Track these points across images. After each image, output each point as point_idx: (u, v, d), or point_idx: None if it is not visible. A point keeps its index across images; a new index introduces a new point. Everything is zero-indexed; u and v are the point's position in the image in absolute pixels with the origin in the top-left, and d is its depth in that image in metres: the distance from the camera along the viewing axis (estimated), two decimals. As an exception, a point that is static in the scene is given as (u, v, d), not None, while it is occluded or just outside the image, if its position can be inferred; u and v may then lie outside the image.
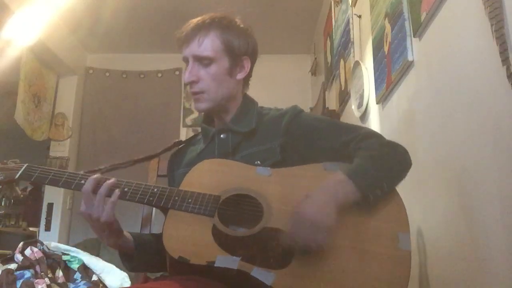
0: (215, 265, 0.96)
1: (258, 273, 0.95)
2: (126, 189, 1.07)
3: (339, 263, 0.97)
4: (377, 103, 2.03)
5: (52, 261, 2.42)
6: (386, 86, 1.85)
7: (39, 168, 1.11)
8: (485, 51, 1.08)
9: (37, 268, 2.31)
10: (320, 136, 1.17)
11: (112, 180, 1.06)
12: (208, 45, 1.17)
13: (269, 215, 1.02)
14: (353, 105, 2.41)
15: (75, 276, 2.43)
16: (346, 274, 0.96)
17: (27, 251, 2.38)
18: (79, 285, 2.39)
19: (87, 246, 3.39)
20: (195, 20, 1.21)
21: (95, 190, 1.04)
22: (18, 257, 2.38)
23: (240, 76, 1.23)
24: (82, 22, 3.99)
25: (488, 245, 1.08)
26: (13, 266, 2.33)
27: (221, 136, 1.22)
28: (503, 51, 0.98)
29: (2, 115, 4.59)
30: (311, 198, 1.00)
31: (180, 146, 1.36)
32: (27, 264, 2.32)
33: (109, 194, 1.04)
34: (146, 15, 3.92)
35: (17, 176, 1.11)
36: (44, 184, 1.11)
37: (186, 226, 1.03)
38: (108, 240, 1.08)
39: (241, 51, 1.21)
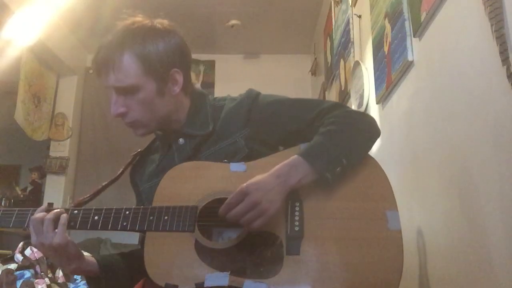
0: (204, 286, 0.91)
1: (249, 285, 0.90)
2: (96, 218, 1.00)
3: (330, 259, 0.93)
4: (377, 103, 2.03)
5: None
6: (386, 86, 1.85)
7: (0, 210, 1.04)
8: (485, 51, 1.08)
9: (37, 268, 2.31)
10: (285, 119, 1.10)
11: (61, 210, 1.01)
12: (126, 73, 1.02)
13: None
14: (353, 105, 2.41)
15: (75, 276, 2.43)
16: (339, 269, 0.92)
17: (27, 251, 2.39)
18: (79, 285, 2.39)
19: (87, 246, 3.39)
20: (106, 40, 1.07)
21: (43, 218, 0.98)
22: (18, 257, 2.38)
23: (175, 91, 1.09)
24: (82, 22, 3.99)
25: (488, 245, 1.08)
26: (13, 266, 2.33)
27: (179, 141, 1.13)
28: (503, 51, 0.98)
29: (2, 115, 4.59)
30: (261, 180, 0.94)
31: (137, 158, 1.27)
32: (27, 264, 2.32)
33: (57, 217, 0.99)
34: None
35: None
36: (9, 227, 1.03)
37: (167, 247, 0.97)
38: (70, 265, 1.01)
39: (166, 66, 1.06)
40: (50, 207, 1.04)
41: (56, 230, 0.97)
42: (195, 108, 1.15)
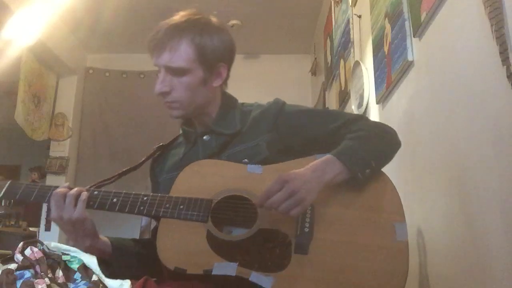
0: (212, 273, 0.94)
1: (256, 277, 0.93)
2: (115, 200, 1.04)
3: (337, 261, 0.96)
4: (377, 103, 2.03)
5: (52, 261, 2.42)
6: (386, 86, 1.85)
7: (23, 184, 1.08)
8: (485, 51, 1.08)
9: (37, 268, 2.31)
10: (308, 127, 1.15)
11: (82, 188, 1.05)
12: (180, 55, 1.10)
13: (264, 216, 1.01)
14: (353, 105, 2.41)
15: (75, 276, 2.43)
16: (345, 271, 0.95)
17: (27, 251, 2.38)
18: (79, 285, 2.39)
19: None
20: (167, 24, 1.13)
21: (65, 193, 1.02)
22: (18, 257, 2.38)
23: (216, 83, 1.16)
24: (82, 22, 3.99)
25: (488, 245, 1.08)
26: (13, 266, 2.33)
27: (204, 138, 1.18)
28: (503, 51, 0.98)
29: (2, 115, 4.60)
30: (299, 172, 0.98)
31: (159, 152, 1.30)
32: (27, 264, 2.32)
33: (79, 194, 1.02)
34: (146, 15, 3.92)
35: (0, 195, 1.07)
36: (30, 202, 1.07)
37: (179, 234, 1.01)
38: (84, 242, 1.04)
39: (216, 58, 1.14)
40: (71, 186, 1.07)
41: (76, 206, 1.01)
42: (224, 108, 1.21)
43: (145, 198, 1.04)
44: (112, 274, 1.13)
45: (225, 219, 1.05)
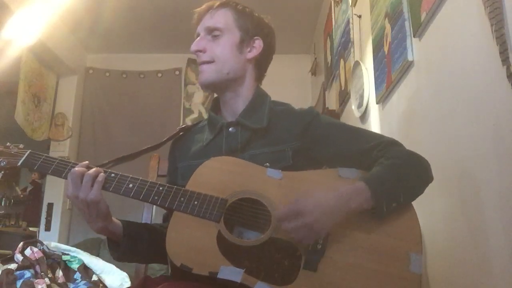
0: (217, 277, 0.92)
1: None
2: (130, 186, 1.04)
3: (344, 283, 0.93)
4: (377, 103, 2.03)
5: (52, 261, 2.42)
6: (386, 86, 1.85)
7: (42, 156, 1.08)
8: (485, 51, 1.08)
9: (37, 268, 2.31)
10: (340, 142, 1.12)
11: (100, 169, 1.05)
12: (220, 17, 1.17)
13: (277, 224, 0.97)
14: (353, 105, 2.41)
15: (75, 276, 2.43)
16: None
17: (27, 251, 2.38)
18: (79, 285, 2.39)
19: (87, 246, 3.39)
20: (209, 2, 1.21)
21: (84, 173, 1.02)
22: (18, 257, 2.38)
23: (250, 55, 1.19)
24: (82, 22, 3.99)
25: (488, 245, 1.08)
26: (13, 266, 2.33)
27: (230, 129, 1.16)
28: (503, 51, 0.98)
29: (2, 115, 4.59)
30: (320, 200, 0.95)
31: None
32: (27, 264, 2.32)
33: (97, 175, 1.03)
34: (146, 15, 3.92)
35: (19, 163, 1.08)
36: (48, 174, 1.08)
37: (190, 230, 0.99)
38: (97, 223, 1.04)
39: (254, 29, 1.19)
40: (90, 164, 1.07)
41: (92, 186, 1.01)
42: (254, 102, 1.19)
43: (160, 188, 1.04)
44: (120, 257, 1.12)
45: (238, 221, 1.03)
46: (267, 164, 1.08)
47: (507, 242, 1.00)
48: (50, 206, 4.24)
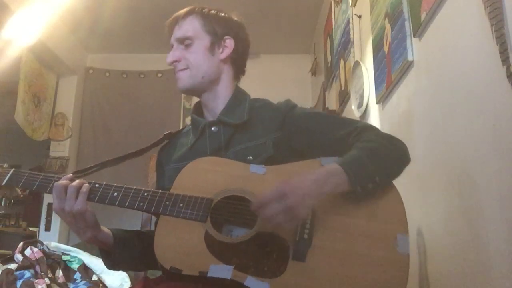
0: (207, 275, 0.93)
1: (251, 282, 0.91)
2: (115, 194, 1.05)
3: (334, 270, 0.93)
4: (377, 103, 2.03)
5: (52, 261, 2.43)
6: (386, 86, 1.85)
7: (27, 173, 1.10)
8: (485, 51, 1.08)
9: (37, 268, 2.31)
10: (317, 131, 1.15)
11: (83, 180, 1.06)
12: (187, 25, 1.21)
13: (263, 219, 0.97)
14: (353, 105, 2.41)
15: (75, 276, 2.43)
16: (342, 281, 0.92)
17: (27, 251, 2.39)
18: (79, 285, 2.39)
19: (87, 246, 3.39)
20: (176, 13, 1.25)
21: (67, 185, 1.03)
22: (18, 257, 2.38)
23: (223, 55, 1.22)
24: (82, 22, 3.99)
25: (488, 245, 1.08)
26: (13, 266, 2.33)
27: (212, 129, 1.19)
28: (503, 51, 0.98)
29: (2, 115, 4.60)
30: (299, 183, 0.95)
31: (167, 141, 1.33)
32: (27, 264, 2.32)
33: (80, 186, 1.03)
34: (146, 15, 3.92)
35: (4, 183, 1.09)
36: (33, 190, 1.09)
37: (177, 232, 1.00)
38: (85, 233, 1.05)
39: (222, 30, 1.22)
40: (74, 176, 1.08)
41: (77, 198, 1.02)
42: (234, 100, 1.23)
43: (145, 194, 1.04)
44: (114, 266, 1.13)
45: (225, 219, 1.04)
46: (250, 157, 1.11)
47: (507, 242, 1.00)
48: (50, 206, 4.24)
